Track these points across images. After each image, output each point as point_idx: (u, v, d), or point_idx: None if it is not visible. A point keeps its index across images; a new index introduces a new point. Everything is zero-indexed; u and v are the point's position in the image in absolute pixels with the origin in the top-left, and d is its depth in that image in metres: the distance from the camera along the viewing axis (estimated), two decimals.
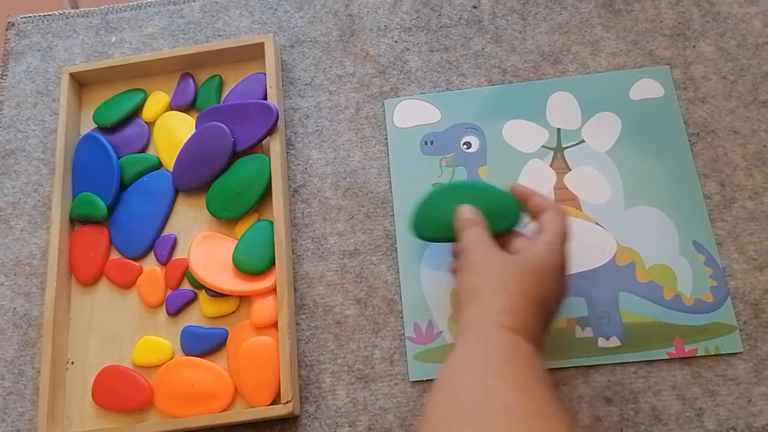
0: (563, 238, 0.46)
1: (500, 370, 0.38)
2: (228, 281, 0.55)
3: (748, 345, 0.51)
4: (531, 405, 0.36)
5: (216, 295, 0.55)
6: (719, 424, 0.49)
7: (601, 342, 0.52)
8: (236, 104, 0.59)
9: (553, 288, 0.45)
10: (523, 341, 0.41)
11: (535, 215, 0.48)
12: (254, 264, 0.55)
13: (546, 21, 0.62)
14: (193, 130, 0.60)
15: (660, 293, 0.52)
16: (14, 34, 0.68)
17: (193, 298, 0.56)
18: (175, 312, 0.56)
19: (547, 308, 0.44)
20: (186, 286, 0.57)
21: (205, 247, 0.57)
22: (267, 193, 0.57)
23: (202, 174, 0.58)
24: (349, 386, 0.53)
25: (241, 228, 0.57)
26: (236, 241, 0.56)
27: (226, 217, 0.57)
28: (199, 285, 0.56)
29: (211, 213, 0.58)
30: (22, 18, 0.69)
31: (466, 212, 0.49)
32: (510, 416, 0.35)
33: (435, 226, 0.51)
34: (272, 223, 0.56)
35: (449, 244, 0.52)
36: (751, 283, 0.53)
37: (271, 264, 0.55)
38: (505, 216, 0.49)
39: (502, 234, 0.49)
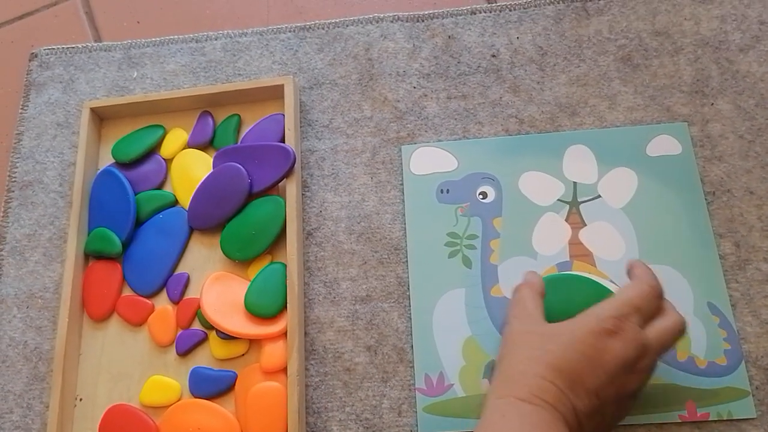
0: (618, 303, 0.44)
1: None
2: (239, 324, 0.55)
3: (760, 411, 0.50)
4: None
5: (226, 337, 0.55)
6: None
7: None
8: (254, 145, 0.59)
9: (583, 355, 0.42)
10: (540, 412, 0.40)
11: None
12: (266, 307, 0.55)
13: (564, 73, 0.62)
14: (210, 169, 0.60)
15: (674, 355, 0.52)
16: (37, 65, 0.69)
17: (204, 339, 0.56)
18: (185, 352, 0.56)
19: (578, 379, 0.41)
20: (197, 326, 0.57)
21: (218, 288, 0.57)
22: (281, 235, 0.57)
23: (217, 214, 0.59)
24: None
25: (255, 269, 0.57)
26: (249, 283, 0.56)
27: (240, 258, 0.57)
28: (209, 326, 0.56)
29: (225, 254, 0.58)
30: (45, 50, 0.70)
31: (530, 276, 0.51)
32: None
33: None
34: (285, 266, 0.56)
35: None
36: (764, 347, 0.52)
37: (283, 308, 0.55)
38: None
39: None
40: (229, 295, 0.57)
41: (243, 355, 0.56)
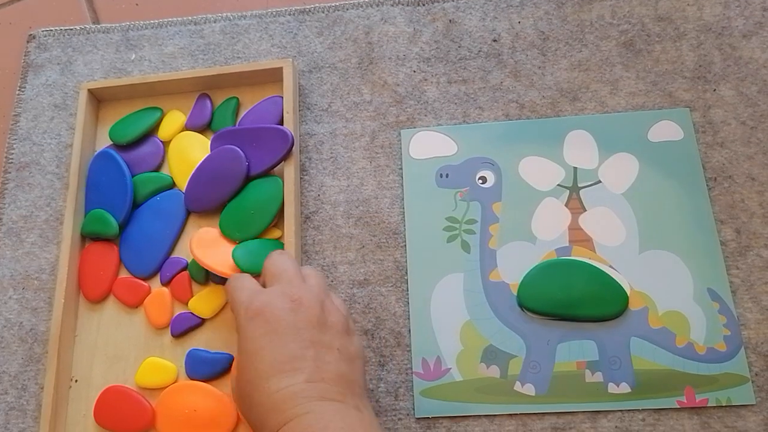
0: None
1: None
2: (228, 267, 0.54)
3: (759, 397, 0.50)
4: None
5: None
6: None
7: (611, 388, 0.51)
8: (252, 128, 0.59)
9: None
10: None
11: None
12: (255, 266, 0.54)
13: (566, 57, 0.62)
14: (208, 152, 0.60)
15: (673, 341, 0.52)
16: (35, 46, 0.69)
17: (198, 324, 0.56)
18: (179, 334, 0.56)
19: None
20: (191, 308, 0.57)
21: (208, 238, 0.57)
22: (280, 215, 0.57)
23: (214, 196, 0.58)
24: None
25: None
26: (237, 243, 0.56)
27: (239, 238, 0.57)
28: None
29: (223, 234, 0.57)
30: (43, 31, 0.69)
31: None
32: None
33: (539, 300, 0.54)
34: (282, 245, 0.56)
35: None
36: (764, 333, 0.52)
37: None
38: (612, 301, 0.53)
39: (609, 320, 0.52)
40: (219, 245, 0.56)
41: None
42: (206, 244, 0.56)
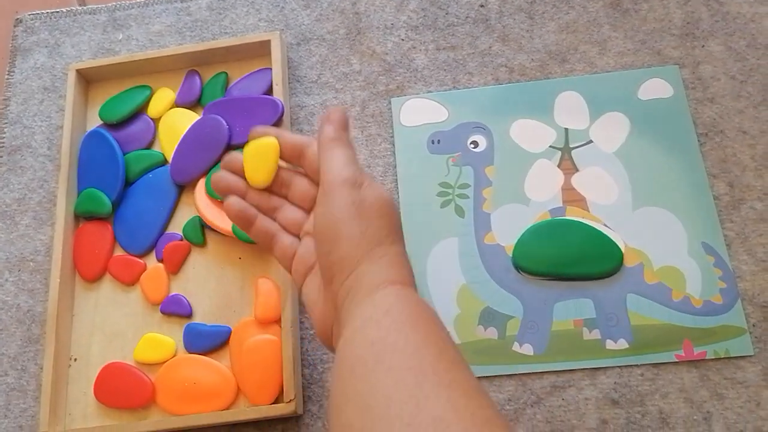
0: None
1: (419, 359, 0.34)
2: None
3: (757, 348, 0.50)
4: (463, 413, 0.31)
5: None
6: (727, 428, 0.48)
7: (609, 344, 0.51)
8: (242, 98, 0.59)
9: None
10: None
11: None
12: None
13: (553, 20, 0.62)
14: None
15: (669, 295, 0.52)
16: (22, 30, 0.68)
17: (189, 314, 0.56)
18: (169, 314, 0.56)
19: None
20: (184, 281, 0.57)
21: (208, 200, 0.57)
22: None
23: (198, 166, 0.58)
24: None
25: None
26: None
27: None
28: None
29: (208, 193, 0.57)
30: (29, 15, 0.69)
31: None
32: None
33: (535, 260, 0.54)
34: None
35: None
36: (760, 285, 0.52)
37: None
38: (607, 258, 0.53)
39: (605, 277, 0.53)
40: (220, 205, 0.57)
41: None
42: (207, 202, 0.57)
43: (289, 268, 0.46)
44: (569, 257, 0.53)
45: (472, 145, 0.58)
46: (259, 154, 0.46)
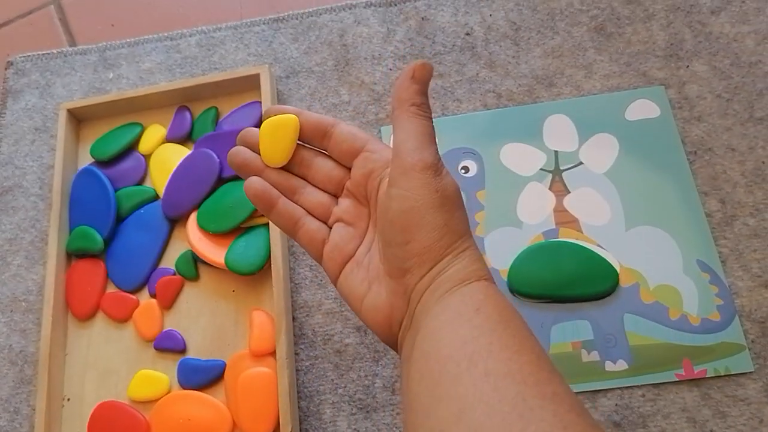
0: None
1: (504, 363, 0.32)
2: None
3: (757, 364, 0.50)
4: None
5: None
6: None
7: (609, 366, 0.51)
8: (233, 131, 0.59)
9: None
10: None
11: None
12: (247, 265, 0.55)
13: (539, 46, 0.62)
14: None
15: (666, 314, 0.51)
16: (13, 72, 0.69)
17: (183, 350, 0.56)
18: (162, 350, 0.56)
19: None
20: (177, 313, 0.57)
21: (200, 234, 0.57)
22: (257, 213, 0.57)
23: (189, 199, 0.58)
24: (350, 417, 0.52)
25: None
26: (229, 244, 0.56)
27: (215, 230, 0.56)
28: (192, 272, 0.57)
29: (200, 226, 0.57)
30: (20, 57, 0.70)
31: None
32: None
33: (530, 283, 0.53)
34: (267, 228, 0.56)
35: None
36: (757, 300, 0.52)
37: (265, 262, 0.55)
38: (603, 279, 0.53)
39: (601, 298, 0.53)
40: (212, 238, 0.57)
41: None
42: (200, 236, 0.57)
43: (318, 256, 0.42)
44: (565, 279, 0.53)
45: (463, 171, 0.58)
46: (277, 131, 0.42)
